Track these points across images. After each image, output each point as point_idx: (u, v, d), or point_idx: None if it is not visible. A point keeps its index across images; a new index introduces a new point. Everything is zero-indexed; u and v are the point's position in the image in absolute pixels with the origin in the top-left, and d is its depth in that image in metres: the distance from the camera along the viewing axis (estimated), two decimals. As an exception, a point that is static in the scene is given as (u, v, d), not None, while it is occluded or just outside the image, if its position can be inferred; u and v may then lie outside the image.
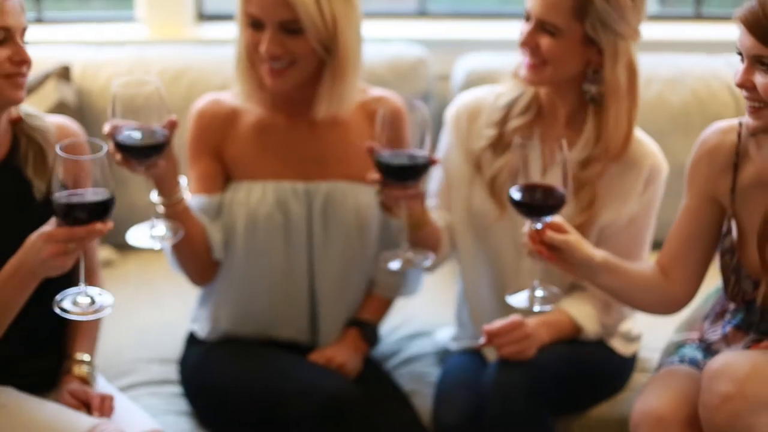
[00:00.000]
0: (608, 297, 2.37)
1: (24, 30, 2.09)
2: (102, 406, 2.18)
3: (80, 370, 2.26)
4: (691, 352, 2.32)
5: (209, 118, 2.41)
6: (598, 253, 2.19)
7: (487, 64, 3.39)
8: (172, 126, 2.08)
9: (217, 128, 2.41)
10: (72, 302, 1.99)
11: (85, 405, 2.19)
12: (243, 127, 2.41)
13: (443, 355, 2.65)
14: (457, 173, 2.46)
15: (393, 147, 2.16)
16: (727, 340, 2.29)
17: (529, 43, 2.30)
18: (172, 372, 2.60)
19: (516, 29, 2.36)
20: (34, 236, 1.95)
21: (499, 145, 2.40)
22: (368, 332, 2.51)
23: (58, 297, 2.00)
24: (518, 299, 2.16)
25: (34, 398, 2.18)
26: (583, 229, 2.33)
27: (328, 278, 2.43)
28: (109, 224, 1.92)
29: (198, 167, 2.41)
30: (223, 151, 2.41)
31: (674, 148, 3.09)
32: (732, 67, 3.44)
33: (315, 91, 2.34)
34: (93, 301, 2.00)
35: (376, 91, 2.48)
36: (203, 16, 3.85)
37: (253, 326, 2.46)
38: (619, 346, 2.48)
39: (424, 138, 2.15)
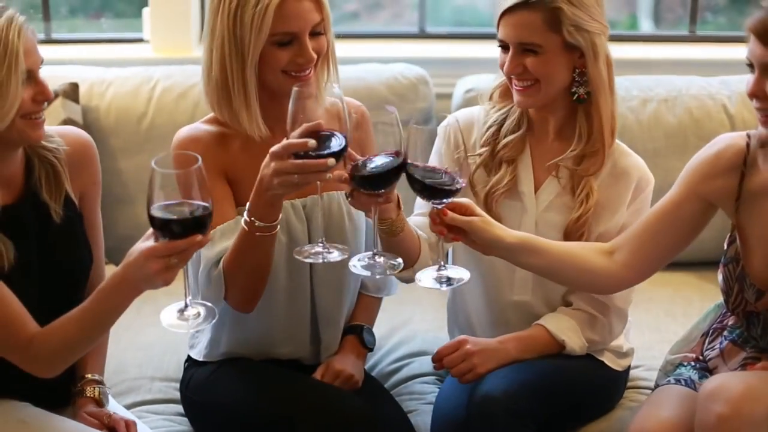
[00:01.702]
0: (593, 311, 2.41)
1: (42, 63, 2.10)
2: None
3: (93, 391, 2.28)
4: (687, 372, 2.35)
5: (204, 142, 2.32)
6: (513, 234, 2.20)
7: (488, 84, 3.42)
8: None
9: (215, 150, 2.32)
10: (178, 316, 1.93)
11: (107, 428, 2.21)
12: (233, 151, 2.35)
13: (443, 374, 2.65)
14: None
15: (362, 148, 2.09)
16: (724, 356, 2.33)
17: (515, 69, 2.34)
18: (176, 390, 2.60)
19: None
20: (135, 252, 1.90)
21: (491, 163, 2.44)
22: (366, 336, 2.53)
23: (162, 313, 1.94)
24: (425, 277, 2.10)
25: (54, 415, 2.19)
26: (581, 226, 2.37)
27: (328, 289, 2.43)
28: (209, 236, 1.87)
29: (214, 194, 2.31)
30: (228, 172, 2.33)
31: (670, 167, 3.12)
32: (727, 86, 3.51)
33: None
34: (199, 314, 1.94)
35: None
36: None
37: (253, 347, 2.45)
38: (609, 362, 2.49)
39: (399, 142, 2.01)
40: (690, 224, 2.26)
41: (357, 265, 2.10)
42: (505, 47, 2.36)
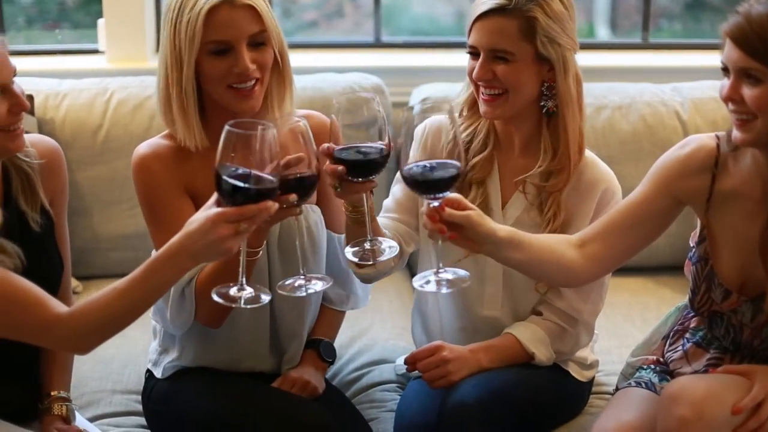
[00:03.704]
0: (563, 324, 2.42)
1: (14, 74, 2.06)
2: None
3: (61, 408, 2.27)
4: (648, 374, 2.37)
5: (165, 157, 2.31)
6: (502, 228, 2.16)
7: (444, 92, 3.45)
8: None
9: (176, 166, 2.31)
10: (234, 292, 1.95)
11: None
12: (194, 166, 2.33)
13: (404, 382, 2.67)
14: None
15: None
16: (688, 358, 2.34)
17: (484, 75, 2.32)
18: (137, 403, 2.59)
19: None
20: (198, 219, 1.84)
21: (461, 185, 2.41)
22: (326, 350, 2.54)
23: (215, 289, 1.95)
24: (423, 282, 2.06)
25: (24, 429, 2.17)
26: None
27: (288, 304, 2.42)
28: (276, 204, 1.83)
29: (179, 211, 2.27)
30: (188, 187, 2.32)
31: (625, 174, 3.13)
32: (679, 93, 3.56)
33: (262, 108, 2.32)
34: (255, 295, 1.95)
35: (301, 112, 2.43)
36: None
37: (216, 361, 2.44)
38: (574, 372, 2.51)
39: (381, 128, 2.01)
40: (658, 220, 2.27)
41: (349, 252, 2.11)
42: (474, 54, 2.36)
